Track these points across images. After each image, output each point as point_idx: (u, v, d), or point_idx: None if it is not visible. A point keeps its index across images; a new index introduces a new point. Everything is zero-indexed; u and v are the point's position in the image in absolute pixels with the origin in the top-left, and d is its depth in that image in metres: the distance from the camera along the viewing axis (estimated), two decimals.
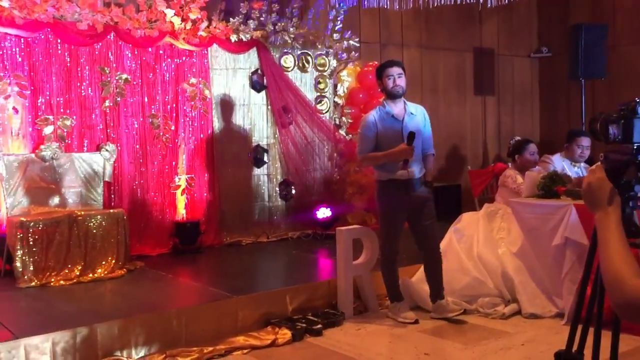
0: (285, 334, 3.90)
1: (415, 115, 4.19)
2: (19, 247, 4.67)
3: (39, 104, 5.32)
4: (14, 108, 5.19)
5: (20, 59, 5.23)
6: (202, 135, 6.15)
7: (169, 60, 5.95)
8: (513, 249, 4.49)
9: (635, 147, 1.43)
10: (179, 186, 6.02)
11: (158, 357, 3.61)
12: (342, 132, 6.98)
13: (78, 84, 5.49)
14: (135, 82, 5.77)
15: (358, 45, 7.16)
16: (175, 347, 3.70)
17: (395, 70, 4.09)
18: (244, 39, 6.29)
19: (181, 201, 6.04)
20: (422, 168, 4.18)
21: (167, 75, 5.94)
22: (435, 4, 5.97)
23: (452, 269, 4.46)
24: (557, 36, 9.34)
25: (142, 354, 3.65)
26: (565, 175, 4.47)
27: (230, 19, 6.23)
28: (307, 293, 4.39)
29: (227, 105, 6.35)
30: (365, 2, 5.85)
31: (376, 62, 7.40)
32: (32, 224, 4.74)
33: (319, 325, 4.03)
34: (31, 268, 4.67)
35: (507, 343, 3.71)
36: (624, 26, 8.60)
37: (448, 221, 4.90)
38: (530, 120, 9.83)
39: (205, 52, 6.15)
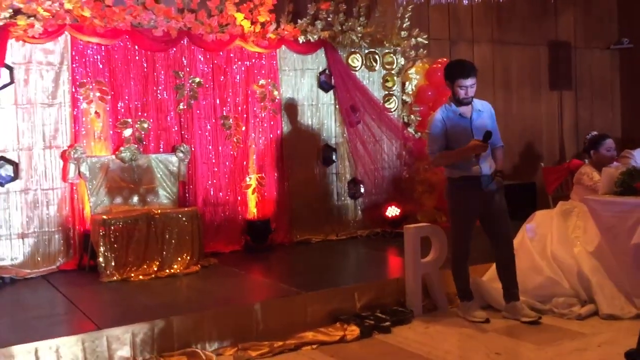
0: (353, 330, 3.93)
1: (483, 111, 4.12)
2: (101, 244, 4.95)
3: (118, 108, 5.60)
4: (96, 112, 5.48)
5: (101, 66, 5.52)
6: (271, 135, 6.28)
7: (239, 62, 6.10)
8: (589, 248, 4.33)
9: None
10: (249, 185, 6.17)
11: (230, 350, 3.73)
12: (410, 130, 6.93)
13: (154, 88, 5.73)
14: (207, 85, 5.96)
15: (426, 42, 7.09)
16: (246, 340, 3.81)
17: (469, 82, 4.00)
18: (312, 40, 6.36)
19: (252, 200, 6.19)
20: (491, 165, 4.10)
21: (238, 77, 6.10)
22: None
23: (525, 268, 4.35)
24: (639, 26, 8.89)
25: (215, 346, 3.78)
26: None
27: (298, 20, 6.32)
28: (376, 290, 4.40)
29: (295, 106, 6.45)
30: None
31: (445, 59, 7.31)
32: (113, 221, 5.00)
33: (388, 323, 4.04)
34: (113, 263, 4.93)
35: (582, 344, 3.59)
36: None
37: (522, 220, 4.77)
38: (610, 115, 9.41)
39: (274, 53, 6.27)
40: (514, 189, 7.35)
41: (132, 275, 4.94)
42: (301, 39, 6.32)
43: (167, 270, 5.06)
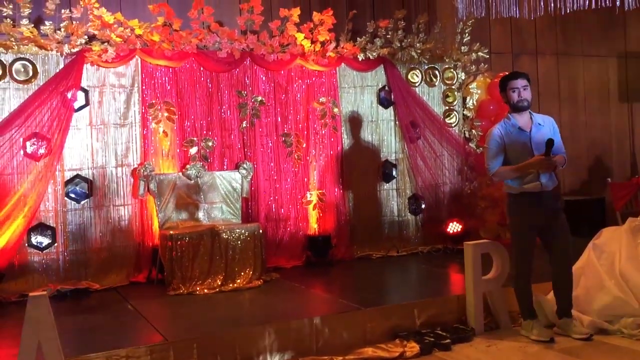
0: (413, 347, 3.92)
1: (543, 125, 4.05)
2: (168, 258, 5.13)
3: (185, 127, 5.83)
4: (164, 132, 5.73)
5: (169, 87, 5.77)
6: (332, 152, 6.37)
7: (300, 81, 6.24)
8: None
9: None
10: (310, 201, 6.27)
11: None
12: (472, 145, 6.87)
13: (218, 107, 5.94)
14: (269, 104, 6.13)
15: (487, 56, 7.02)
16: (307, 355, 3.87)
17: (520, 83, 3.99)
18: (371, 57, 6.43)
19: (313, 216, 6.28)
20: (555, 180, 4.03)
21: (298, 95, 6.24)
22: (570, 10, 5.71)
23: (591, 287, 4.23)
24: None
25: (276, 359, 3.85)
26: None
27: (358, 38, 6.41)
28: (436, 307, 4.37)
29: (355, 122, 6.51)
30: (493, 12, 5.73)
31: (507, 73, 7.21)
32: (179, 236, 5.19)
33: (448, 340, 4.00)
34: (179, 277, 5.11)
35: None
36: None
37: (589, 237, 4.63)
38: None
39: (334, 71, 6.38)
40: (581, 204, 7.14)
41: (198, 289, 5.09)
42: (360, 57, 6.40)
43: (231, 285, 5.19)
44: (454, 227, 6.56)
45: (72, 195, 5.42)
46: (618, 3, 4.85)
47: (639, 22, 8.65)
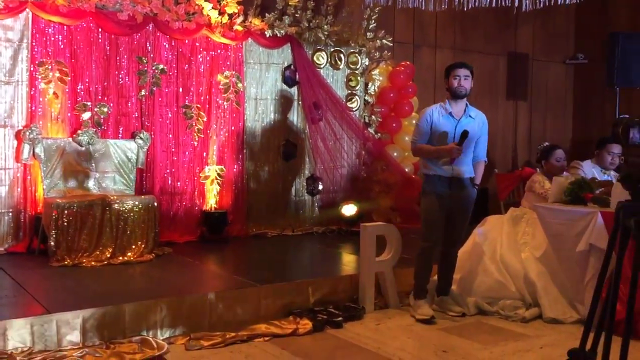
0: (306, 324, 3.97)
1: (474, 119, 4.24)
2: (53, 228, 4.85)
3: (78, 90, 5.49)
4: (54, 93, 5.37)
5: (62, 46, 5.40)
6: (233, 128, 6.27)
7: (204, 52, 6.07)
8: (537, 254, 4.48)
9: None
10: (208, 176, 6.15)
11: (182, 339, 3.72)
12: (370, 130, 7.03)
13: (116, 73, 5.65)
14: (170, 73, 5.91)
15: (391, 44, 7.19)
16: (199, 330, 3.81)
17: (463, 72, 4.16)
18: (279, 35, 6.38)
19: (210, 191, 6.16)
20: (471, 171, 4.24)
21: (202, 67, 6.07)
22: (471, 6, 5.98)
23: (475, 270, 4.49)
24: (594, 43, 9.23)
25: (167, 335, 3.76)
26: (594, 181, 4.45)
27: (266, 14, 6.32)
28: (329, 286, 4.46)
29: (259, 99, 6.45)
30: (400, 2, 5.88)
31: (408, 62, 7.45)
32: (67, 205, 4.91)
33: (340, 318, 4.10)
34: (64, 248, 4.84)
35: (526, 345, 3.73)
36: None
37: (474, 224, 4.90)
38: (562, 127, 9.74)
39: (240, 46, 6.26)
40: None
41: (84, 261, 4.86)
42: (268, 33, 6.33)
43: (121, 258, 5.00)
44: (349, 209, 6.71)
45: None
46: (517, 3, 5.12)
47: (528, 24, 9.22)
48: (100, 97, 5.58)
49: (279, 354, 3.56)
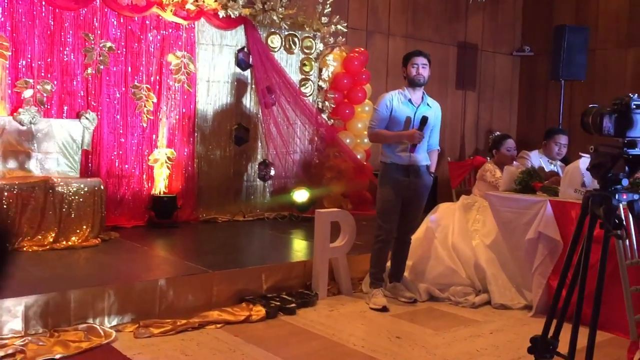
0: (259, 311, 3.93)
1: (431, 108, 4.27)
2: None
3: (19, 67, 5.22)
4: None
5: (2, 19, 5.11)
6: (184, 110, 6.11)
7: (155, 31, 5.87)
8: (487, 241, 4.57)
9: (625, 142, 1.47)
10: (157, 160, 5.98)
11: (131, 327, 3.61)
12: (324, 116, 6.99)
13: (60, 49, 5.39)
14: (119, 51, 5.69)
15: (345, 30, 7.16)
16: (148, 317, 3.70)
17: (421, 60, 4.18)
18: (232, 16, 6.23)
19: (159, 175, 6.00)
20: (427, 159, 4.27)
21: (152, 47, 5.87)
22: None
23: (427, 257, 4.54)
24: (540, 36, 9.48)
25: (114, 322, 3.64)
26: (543, 170, 4.56)
27: None
28: (283, 272, 4.42)
29: (211, 82, 6.30)
30: None
31: (362, 49, 7.43)
32: (7, 187, 4.67)
33: (293, 305, 4.07)
34: None
35: (476, 331, 3.80)
36: (606, 30, 8.76)
37: (426, 211, 4.95)
38: (508, 117, 9.97)
39: (193, 26, 6.09)
40: None
41: (25, 245, 4.64)
42: (221, 14, 6.17)
43: (64, 242, 4.81)
44: (300, 195, 6.67)
45: None
46: None
47: (478, 15, 9.36)
48: (43, 74, 5.32)
49: (231, 341, 3.51)
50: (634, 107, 1.45)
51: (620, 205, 1.53)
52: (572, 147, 5.24)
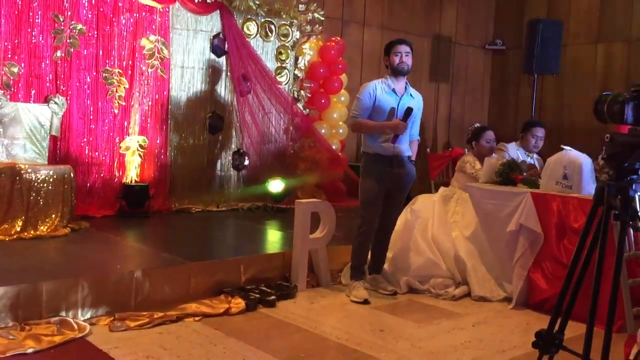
0: (238, 303, 3.83)
1: (414, 98, 4.22)
2: None
3: None
4: None
5: None
6: (157, 97, 5.94)
7: (128, 14, 5.68)
8: (466, 233, 4.56)
9: None
10: (129, 147, 5.80)
11: (105, 320, 3.48)
12: (299, 105, 6.89)
13: (28, 30, 5.17)
14: (90, 34, 5.49)
15: (322, 18, 7.06)
16: (124, 310, 3.57)
17: (404, 49, 4.12)
18: (208, 0, 6.07)
19: (131, 163, 5.82)
20: (410, 151, 4.22)
21: (125, 30, 5.68)
22: None
23: (407, 249, 4.50)
24: (512, 30, 9.55)
25: (88, 315, 3.50)
26: (524, 163, 4.56)
27: None
28: (261, 264, 4.33)
29: (185, 68, 6.14)
30: None
31: (339, 38, 7.35)
32: None
33: (273, 297, 3.99)
34: None
35: (458, 324, 3.78)
36: (578, 25, 8.87)
37: (405, 202, 4.90)
38: (479, 110, 10.04)
39: (167, 9, 5.91)
40: None
41: None
42: None
43: (32, 232, 4.62)
44: (275, 185, 6.57)
45: None
46: None
47: (452, 8, 9.37)
48: (10, 56, 5.09)
49: (212, 334, 3.41)
50: None
51: (636, 197, 1.49)
52: (549, 140, 5.28)
